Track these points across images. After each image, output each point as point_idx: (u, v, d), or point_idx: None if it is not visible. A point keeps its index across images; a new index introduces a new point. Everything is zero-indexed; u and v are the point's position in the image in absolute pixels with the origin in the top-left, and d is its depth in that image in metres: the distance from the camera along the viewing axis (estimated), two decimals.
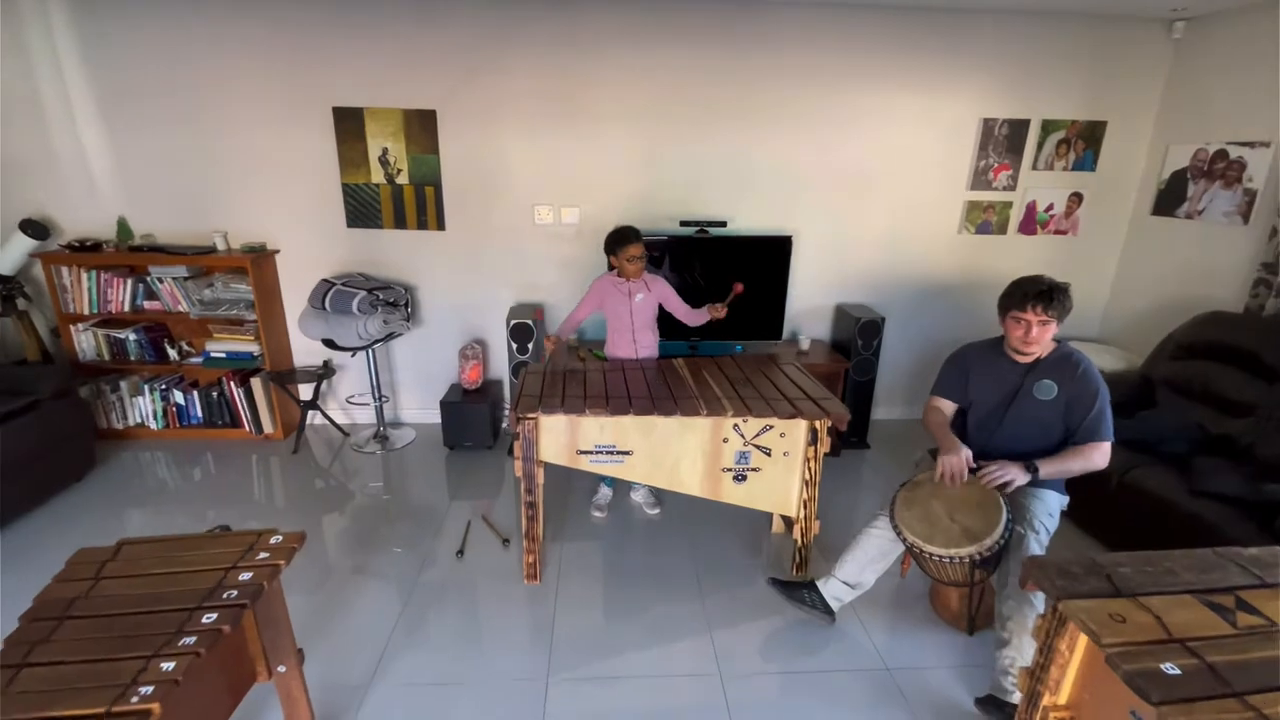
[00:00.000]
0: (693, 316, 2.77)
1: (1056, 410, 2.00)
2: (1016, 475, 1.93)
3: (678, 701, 1.95)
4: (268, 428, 3.57)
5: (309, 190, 3.39)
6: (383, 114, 3.26)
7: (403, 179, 3.36)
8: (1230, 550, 1.39)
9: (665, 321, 2.85)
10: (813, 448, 2.29)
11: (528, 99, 3.28)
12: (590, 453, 2.31)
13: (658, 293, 2.75)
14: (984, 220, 3.65)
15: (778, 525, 2.80)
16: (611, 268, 2.73)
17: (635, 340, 2.76)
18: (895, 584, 2.40)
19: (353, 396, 3.74)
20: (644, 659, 2.10)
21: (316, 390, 3.52)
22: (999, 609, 1.90)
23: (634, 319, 2.73)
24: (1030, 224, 3.68)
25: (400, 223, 3.45)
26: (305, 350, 3.60)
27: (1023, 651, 1.79)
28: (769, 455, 2.33)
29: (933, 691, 2.00)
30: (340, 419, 3.77)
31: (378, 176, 3.36)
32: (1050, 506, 2.01)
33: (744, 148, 3.42)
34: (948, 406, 2.23)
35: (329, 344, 3.27)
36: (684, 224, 3.41)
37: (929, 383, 4.06)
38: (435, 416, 3.52)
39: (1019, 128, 3.48)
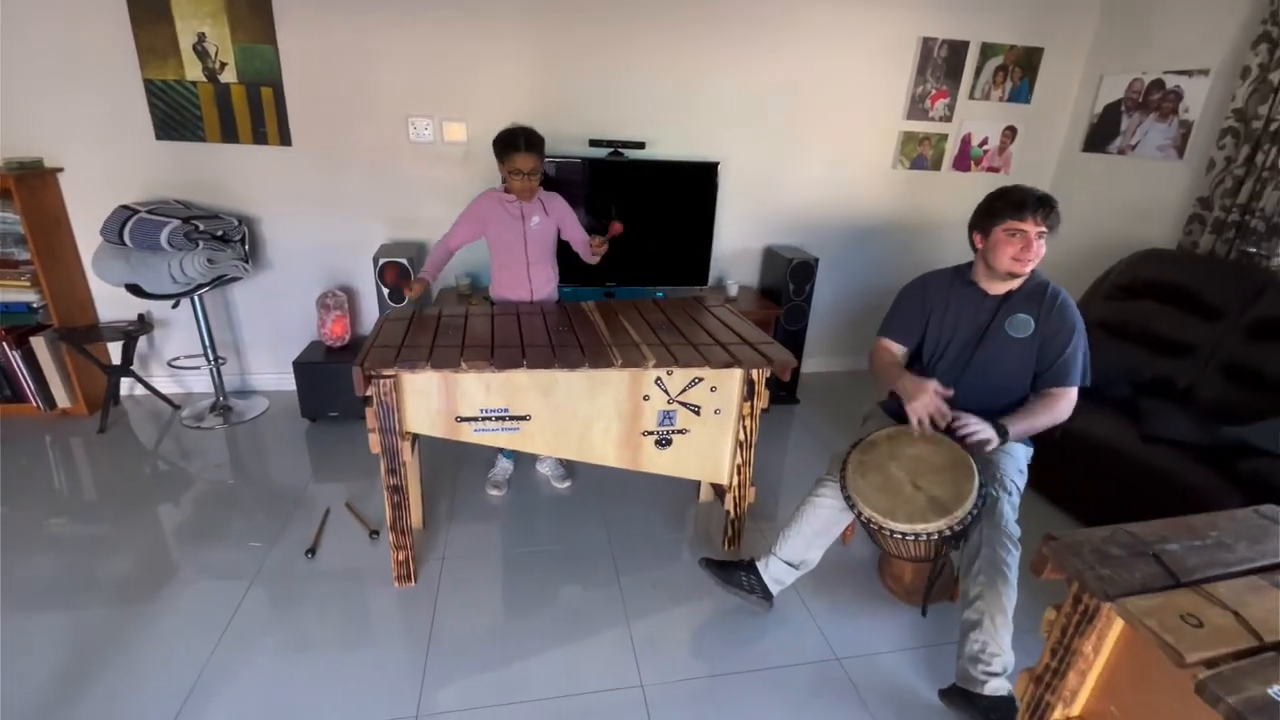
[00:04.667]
0: (586, 250, 2.25)
1: (1031, 349, 1.71)
2: (993, 435, 1.62)
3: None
4: (62, 401, 2.78)
5: (99, 89, 2.56)
6: None
7: (229, 76, 2.60)
8: (1271, 509, 1.12)
9: (571, 260, 2.35)
10: (749, 403, 1.90)
11: None
12: (474, 419, 1.80)
13: (557, 215, 2.23)
14: (919, 154, 3.36)
15: (706, 494, 2.43)
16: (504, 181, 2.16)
17: (530, 276, 2.24)
18: (837, 553, 2.09)
19: (178, 359, 2.99)
20: (548, 671, 1.67)
21: (129, 351, 2.76)
22: (965, 585, 1.61)
23: (529, 249, 2.20)
24: (964, 159, 3.43)
25: (230, 135, 2.69)
26: (115, 300, 2.79)
27: (996, 636, 1.51)
28: (698, 414, 1.92)
29: (889, 682, 1.71)
30: (171, 388, 3.02)
31: (194, 71, 2.58)
32: (1020, 462, 1.74)
33: (664, 59, 2.90)
34: (898, 350, 1.89)
35: (135, 291, 2.52)
36: (594, 144, 2.88)
37: (860, 333, 3.92)
38: (293, 382, 2.85)
39: (958, 50, 3.18)
